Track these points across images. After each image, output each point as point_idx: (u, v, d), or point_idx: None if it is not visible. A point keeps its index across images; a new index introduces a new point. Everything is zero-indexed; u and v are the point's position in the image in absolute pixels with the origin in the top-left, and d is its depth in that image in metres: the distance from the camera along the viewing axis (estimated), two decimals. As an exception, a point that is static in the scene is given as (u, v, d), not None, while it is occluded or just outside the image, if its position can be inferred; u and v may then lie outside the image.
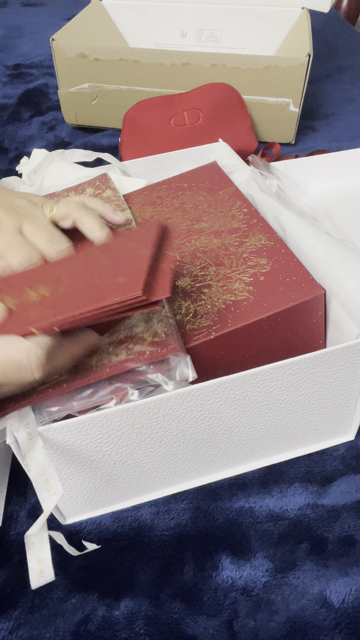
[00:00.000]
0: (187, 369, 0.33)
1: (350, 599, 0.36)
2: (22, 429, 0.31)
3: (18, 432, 0.31)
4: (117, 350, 0.34)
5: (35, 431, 0.31)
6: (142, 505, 0.42)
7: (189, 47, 0.97)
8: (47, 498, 0.31)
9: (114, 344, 0.34)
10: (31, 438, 0.31)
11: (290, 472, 0.43)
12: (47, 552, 0.30)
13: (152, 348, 0.33)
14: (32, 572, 0.30)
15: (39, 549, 0.30)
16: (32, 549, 0.30)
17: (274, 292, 0.38)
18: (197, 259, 0.43)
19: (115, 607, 0.37)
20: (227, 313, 0.37)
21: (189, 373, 0.33)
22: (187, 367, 0.33)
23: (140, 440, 0.36)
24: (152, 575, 0.38)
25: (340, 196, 0.69)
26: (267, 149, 0.77)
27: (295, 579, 0.38)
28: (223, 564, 0.39)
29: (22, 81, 1.05)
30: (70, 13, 1.33)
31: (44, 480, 0.31)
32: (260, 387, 0.35)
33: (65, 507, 0.40)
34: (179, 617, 0.36)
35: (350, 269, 0.40)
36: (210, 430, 0.37)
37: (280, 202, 0.50)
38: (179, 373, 0.33)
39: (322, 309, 0.39)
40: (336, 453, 0.45)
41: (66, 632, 0.36)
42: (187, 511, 0.41)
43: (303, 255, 0.44)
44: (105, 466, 0.37)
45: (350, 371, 0.38)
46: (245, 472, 0.44)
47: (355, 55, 1.12)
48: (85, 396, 0.33)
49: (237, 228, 0.45)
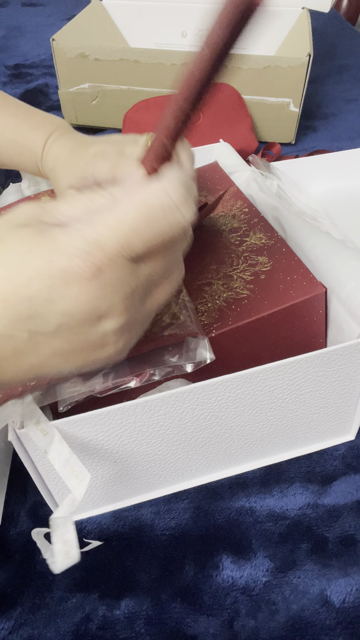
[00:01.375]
0: (206, 350, 0.33)
1: (350, 599, 0.36)
2: (33, 426, 0.31)
3: (28, 430, 0.31)
4: None
5: (49, 425, 0.31)
6: (143, 504, 0.42)
7: (189, 47, 0.97)
8: (77, 485, 0.31)
9: None
10: (47, 433, 0.31)
11: (290, 472, 0.43)
12: (73, 534, 0.30)
13: (171, 331, 0.33)
14: (58, 554, 0.29)
15: (64, 531, 0.30)
16: (57, 530, 0.30)
17: (274, 290, 0.38)
18: (197, 258, 0.43)
19: (116, 607, 0.37)
20: (228, 311, 0.37)
21: (207, 354, 0.33)
22: (205, 349, 0.33)
23: (141, 439, 0.36)
24: (152, 575, 0.38)
25: (340, 196, 0.69)
26: (267, 149, 0.77)
27: (296, 578, 0.37)
28: (223, 563, 0.38)
29: (22, 81, 1.05)
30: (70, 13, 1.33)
31: (69, 469, 0.31)
32: (261, 385, 0.35)
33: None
34: (179, 616, 0.36)
35: (351, 268, 0.40)
36: (211, 429, 0.37)
37: (281, 202, 0.50)
38: (198, 355, 0.33)
39: (323, 307, 0.39)
40: (337, 453, 0.44)
41: (67, 632, 0.36)
42: (188, 510, 0.41)
43: (303, 254, 0.44)
44: (106, 465, 0.37)
45: (351, 371, 0.38)
46: (245, 472, 0.43)
47: (355, 55, 1.13)
48: (106, 377, 0.33)
49: (237, 227, 0.45)
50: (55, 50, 0.78)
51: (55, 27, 1.25)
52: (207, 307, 0.38)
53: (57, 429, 0.32)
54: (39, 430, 0.31)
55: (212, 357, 0.33)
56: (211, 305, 0.38)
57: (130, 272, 0.22)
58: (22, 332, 0.21)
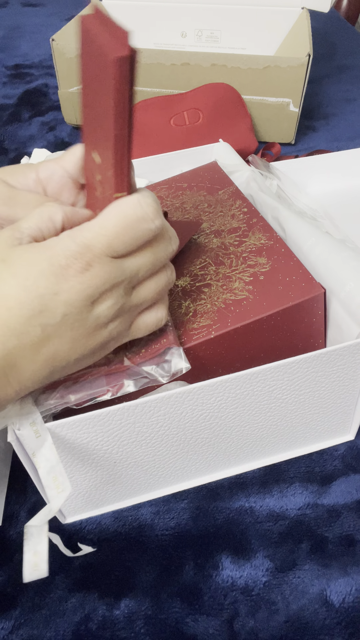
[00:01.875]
0: (181, 360, 0.34)
1: (350, 599, 0.36)
2: (28, 426, 0.31)
3: (22, 429, 0.31)
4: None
5: (44, 428, 0.31)
6: (142, 504, 0.42)
7: (189, 47, 0.97)
8: (55, 495, 0.31)
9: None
10: (39, 436, 0.31)
11: (290, 472, 0.43)
12: (45, 546, 0.29)
13: (147, 345, 0.34)
14: (27, 564, 0.29)
15: (37, 541, 0.29)
16: (30, 540, 0.29)
17: (273, 291, 0.38)
18: (196, 259, 0.43)
19: (116, 607, 0.37)
20: (227, 312, 0.37)
21: (182, 364, 0.34)
22: (180, 358, 0.34)
23: (141, 439, 0.36)
24: (152, 575, 0.38)
25: (340, 196, 0.69)
26: (267, 149, 0.77)
27: (296, 578, 0.38)
28: (223, 563, 0.39)
29: (22, 81, 1.05)
30: (70, 13, 1.33)
31: (52, 477, 0.31)
32: (260, 386, 0.35)
33: (65, 506, 0.40)
34: (179, 616, 0.36)
35: (351, 269, 0.40)
36: (211, 430, 0.37)
37: (280, 202, 0.50)
38: (173, 365, 0.34)
39: (322, 308, 0.39)
40: (336, 453, 0.45)
41: (67, 632, 0.36)
42: (187, 511, 0.41)
43: (303, 255, 0.44)
44: (106, 465, 0.37)
45: (351, 371, 0.38)
46: (245, 472, 0.44)
47: (355, 55, 1.13)
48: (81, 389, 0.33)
49: (236, 227, 0.45)
50: (55, 50, 0.78)
51: (55, 27, 1.25)
52: (206, 308, 0.38)
53: (55, 430, 0.32)
54: (33, 431, 0.31)
55: (188, 366, 0.34)
56: (210, 306, 0.38)
57: (115, 267, 0.27)
58: (35, 327, 0.26)
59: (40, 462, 0.31)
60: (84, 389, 0.33)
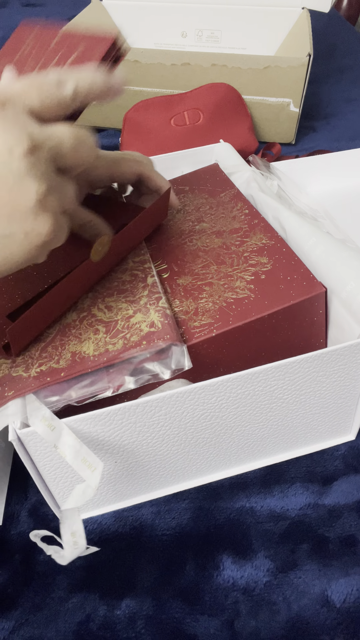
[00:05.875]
0: (183, 357, 0.34)
1: (351, 599, 0.36)
2: (40, 423, 0.31)
3: (35, 427, 0.31)
4: (114, 340, 0.35)
5: (55, 419, 0.31)
6: (143, 504, 0.42)
7: (189, 47, 0.97)
8: (90, 474, 0.31)
9: (111, 333, 0.35)
10: (54, 428, 0.31)
11: (291, 472, 0.43)
12: (80, 525, 0.31)
13: (148, 338, 0.34)
14: (67, 544, 0.31)
15: (72, 522, 0.31)
16: (66, 522, 0.31)
17: (275, 290, 0.38)
18: (198, 258, 0.43)
19: (117, 607, 0.37)
20: (229, 311, 0.37)
21: (185, 362, 0.34)
22: (183, 356, 0.34)
23: (142, 439, 0.36)
24: (153, 575, 0.38)
25: (340, 196, 0.69)
26: (267, 149, 0.77)
27: (297, 578, 0.37)
28: (224, 563, 0.38)
29: (22, 81, 1.04)
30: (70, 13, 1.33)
31: (81, 460, 0.31)
32: (261, 386, 0.35)
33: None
34: (180, 616, 0.36)
35: (351, 268, 0.40)
36: (212, 429, 0.37)
37: (281, 202, 0.50)
38: (174, 362, 0.34)
39: (323, 307, 0.39)
40: (337, 453, 0.44)
41: (67, 632, 0.36)
42: (188, 511, 0.41)
43: (304, 255, 0.44)
44: (107, 465, 0.37)
45: (352, 371, 0.38)
46: (246, 472, 0.43)
47: (355, 55, 1.13)
48: (82, 386, 0.33)
49: (238, 228, 0.45)
50: (55, 50, 0.78)
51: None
52: (207, 306, 0.38)
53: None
54: (46, 425, 0.31)
55: (190, 364, 0.34)
56: (211, 305, 0.38)
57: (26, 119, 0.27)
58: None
59: (65, 450, 0.31)
60: (85, 385, 0.33)
